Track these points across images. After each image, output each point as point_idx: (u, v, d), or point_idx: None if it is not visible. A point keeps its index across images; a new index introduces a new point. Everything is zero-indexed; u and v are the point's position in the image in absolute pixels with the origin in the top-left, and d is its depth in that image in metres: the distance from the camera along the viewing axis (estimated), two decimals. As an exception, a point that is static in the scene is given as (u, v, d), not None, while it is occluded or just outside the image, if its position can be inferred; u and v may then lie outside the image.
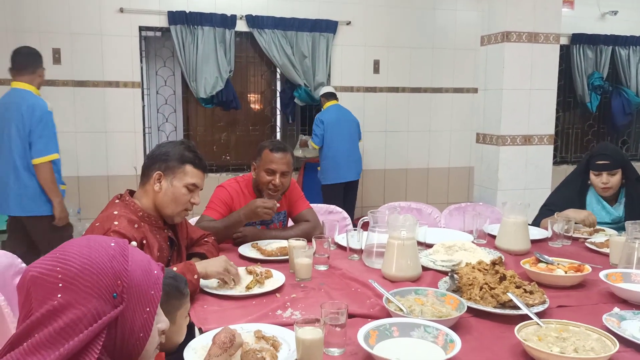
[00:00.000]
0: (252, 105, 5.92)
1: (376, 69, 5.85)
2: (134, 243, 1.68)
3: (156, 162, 1.95)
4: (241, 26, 5.36)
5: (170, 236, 1.99)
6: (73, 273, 0.86)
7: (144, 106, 5.34)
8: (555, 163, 6.16)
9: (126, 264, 0.92)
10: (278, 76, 5.75)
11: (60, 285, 0.85)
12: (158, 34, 5.35)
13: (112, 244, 0.94)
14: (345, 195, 5.11)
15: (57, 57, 4.96)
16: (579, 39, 6.19)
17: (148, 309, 0.93)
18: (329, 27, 5.53)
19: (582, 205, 2.86)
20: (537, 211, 2.97)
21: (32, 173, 3.34)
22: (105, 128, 5.19)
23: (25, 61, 3.47)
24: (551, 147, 4.77)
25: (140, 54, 5.25)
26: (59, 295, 0.84)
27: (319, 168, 5.18)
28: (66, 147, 5.05)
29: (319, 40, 5.51)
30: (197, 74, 5.19)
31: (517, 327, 1.43)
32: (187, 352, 1.41)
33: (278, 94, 5.78)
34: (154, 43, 5.51)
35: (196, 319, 1.65)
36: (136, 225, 1.83)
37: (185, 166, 1.95)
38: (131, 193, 1.99)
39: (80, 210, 5.10)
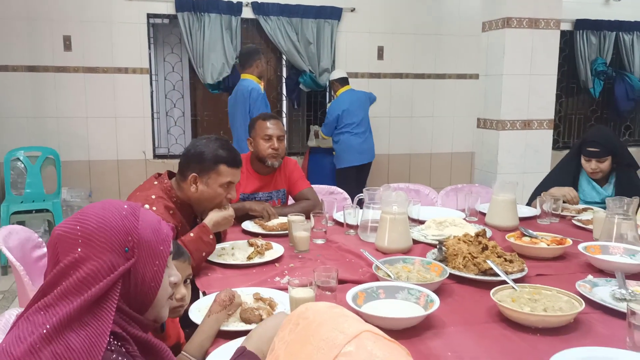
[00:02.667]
0: (258, 91, 6.02)
1: (380, 55, 5.94)
2: (146, 206, 1.82)
3: (191, 162, 2.00)
4: (247, 13, 5.46)
5: (197, 222, 2.11)
6: (90, 230, 0.99)
7: (152, 92, 5.47)
8: (557, 148, 6.24)
9: (136, 223, 1.05)
10: (284, 62, 5.85)
11: (80, 241, 0.98)
12: (166, 21, 5.47)
13: (125, 206, 1.07)
14: (357, 177, 5.21)
15: (67, 44, 5.09)
16: (582, 24, 6.22)
17: (157, 262, 1.06)
18: (333, 13, 5.62)
19: (574, 186, 2.97)
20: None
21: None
22: (115, 113, 5.33)
23: (245, 58, 4.40)
24: (550, 132, 4.84)
25: (149, 41, 5.37)
26: (79, 249, 0.98)
27: (334, 153, 5.29)
28: (77, 132, 5.22)
29: (324, 27, 5.60)
30: (204, 60, 5.31)
31: (493, 290, 1.55)
32: (192, 312, 1.55)
33: (284, 80, 5.89)
34: (162, 30, 5.63)
35: (201, 285, 1.79)
36: (171, 212, 1.95)
37: (220, 167, 1.99)
38: (170, 174, 2.07)
39: (92, 193, 5.27)
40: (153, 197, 1.92)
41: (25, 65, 5.02)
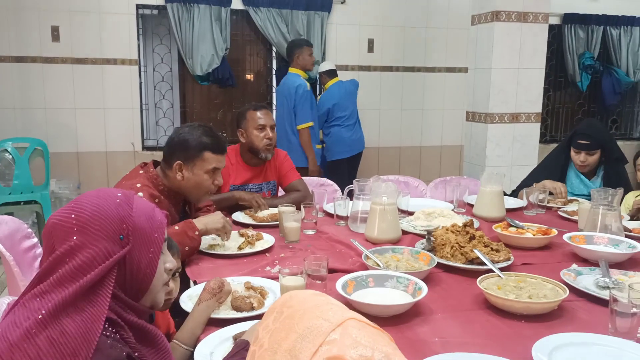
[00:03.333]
0: (248, 83, 6.02)
1: (370, 48, 5.95)
2: (140, 194, 1.83)
3: (175, 150, 2.01)
4: (237, 4, 5.44)
5: (186, 210, 2.12)
6: (85, 218, 1.00)
7: (141, 83, 5.44)
8: (545, 142, 6.31)
9: (130, 211, 1.06)
10: (274, 54, 5.84)
11: (75, 229, 0.99)
12: (155, 11, 5.43)
13: (119, 194, 1.08)
14: (348, 169, 5.22)
15: (55, 34, 5.04)
16: (570, 18, 6.27)
17: (152, 249, 1.08)
18: (324, 5, 5.61)
19: (562, 178, 3.01)
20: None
21: (296, 135, 4.40)
22: (104, 105, 5.30)
23: (288, 52, 4.62)
24: (538, 125, 4.89)
25: (138, 32, 5.33)
26: (75, 237, 0.99)
27: (324, 145, 5.30)
28: (65, 123, 5.19)
29: (314, 19, 5.60)
30: (193, 51, 5.29)
31: (479, 278, 1.59)
32: (183, 300, 1.57)
33: (274, 72, 5.88)
34: (151, 21, 5.59)
35: (191, 274, 1.81)
36: (157, 200, 1.95)
37: (204, 153, 2.00)
38: (155, 163, 2.07)
39: (80, 185, 5.24)
40: (138, 185, 1.93)
41: (13, 55, 4.97)
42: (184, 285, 1.72)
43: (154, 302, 1.12)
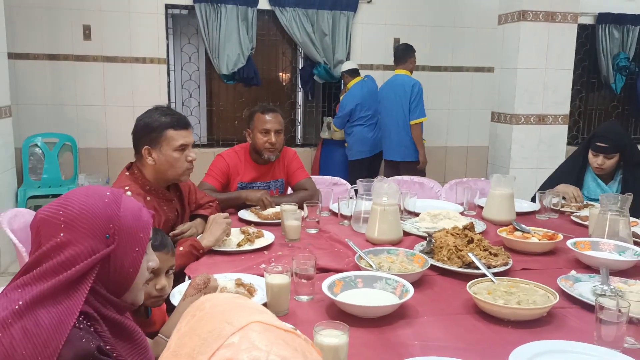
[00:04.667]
0: (273, 82, 6.07)
1: (397, 48, 5.90)
2: (129, 193, 1.87)
3: (140, 138, 2.04)
4: (263, 4, 5.49)
5: (177, 208, 2.15)
6: (72, 216, 1.03)
7: (169, 82, 5.55)
8: (576, 144, 6.12)
9: (118, 210, 1.08)
10: (299, 54, 5.87)
11: (62, 226, 1.02)
12: (184, 11, 5.53)
13: (108, 193, 1.10)
14: (370, 168, 5.22)
15: (87, 33, 5.20)
16: (605, 18, 6.08)
17: (137, 249, 1.10)
18: (349, 5, 5.61)
19: (579, 181, 2.93)
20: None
21: (408, 130, 4.58)
22: (133, 102, 5.43)
23: (400, 54, 4.78)
24: (565, 127, 4.77)
25: (166, 31, 5.45)
26: (62, 234, 1.02)
27: (346, 144, 5.31)
28: (95, 120, 5.34)
29: (340, 19, 5.60)
30: (220, 50, 5.36)
31: (470, 282, 1.56)
32: (174, 296, 1.60)
33: (298, 71, 5.91)
34: (180, 20, 5.70)
35: (188, 269, 1.84)
36: (148, 198, 2.00)
37: (167, 132, 2.01)
38: (137, 164, 2.11)
39: (109, 180, 5.39)
40: (127, 187, 1.96)
41: (46, 53, 5.14)
42: (181, 280, 1.75)
43: (134, 299, 1.15)
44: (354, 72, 5.19)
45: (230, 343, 0.66)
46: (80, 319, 0.99)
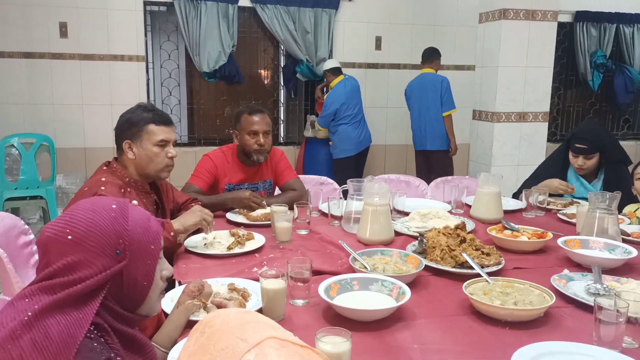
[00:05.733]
0: (255, 80, 6.02)
1: (378, 45, 5.90)
2: (134, 202, 1.83)
3: (122, 132, 2.05)
4: (244, 1, 5.43)
5: (156, 200, 2.13)
6: (81, 235, 0.99)
7: (148, 79, 5.46)
8: (555, 141, 6.21)
9: (126, 224, 1.04)
10: (281, 51, 5.83)
11: (71, 245, 0.99)
12: (162, 8, 5.44)
13: (114, 206, 1.06)
14: (355, 166, 5.24)
15: (63, 30, 5.08)
16: (582, 16, 6.16)
17: (149, 262, 1.07)
18: (331, 3, 5.58)
19: (562, 180, 2.96)
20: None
21: (441, 122, 4.91)
22: (111, 101, 5.33)
23: (428, 54, 5.12)
24: (546, 125, 4.83)
25: (145, 28, 5.36)
26: (71, 254, 0.98)
27: (330, 143, 5.31)
28: (72, 119, 5.23)
29: (321, 16, 5.57)
30: (201, 48, 5.29)
31: (465, 283, 1.56)
32: (165, 302, 1.56)
33: (281, 69, 5.87)
34: (158, 17, 5.61)
35: (177, 274, 1.80)
36: (122, 191, 1.97)
37: (148, 126, 2.03)
38: (118, 160, 2.10)
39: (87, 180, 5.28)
40: (103, 179, 1.95)
41: (21, 51, 5.02)
42: (169, 285, 1.71)
43: (149, 311, 1.12)
44: (336, 71, 5.18)
45: None
46: (91, 328, 0.97)
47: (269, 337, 0.68)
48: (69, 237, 0.99)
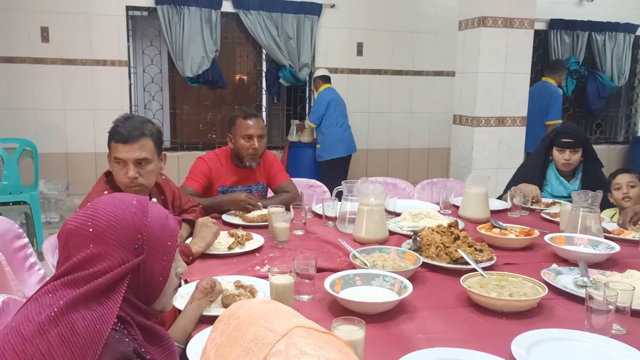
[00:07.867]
0: (238, 85, 6.06)
1: (359, 52, 6.01)
2: (154, 200, 1.85)
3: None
4: (227, 7, 5.48)
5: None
6: (101, 228, 1.03)
7: (130, 84, 5.46)
8: (531, 145, 6.40)
9: (146, 220, 1.08)
10: (264, 57, 5.88)
11: (91, 237, 1.02)
12: (145, 13, 5.45)
13: (134, 202, 1.10)
14: (342, 169, 5.39)
15: (45, 35, 5.05)
16: (556, 24, 6.38)
17: (166, 258, 1.10)
18: (313, 9, 5.67)
19: (542, 179, 3.09)
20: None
21: (544, 128, 5.24)
22: (93, 106, 5.31)
23: (554, 65, 5.58)
24: (523, 129, 4.97)
25: (127, 33, 5.36)
26: (91, 246, 1.02)
27: (318, 146, 5.42)
28: (54, 124, 5.19)
29: (304, 22, 5.66)
30: (184, 53, 5.31)
31: (463, 277, 1.64)
32: (175, 299, 1.60)
33: (264, 74, 5.92)
34: (141, 22, 5.62)
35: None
36: None
37: (112, 143, 1.95)
38: None
39: (69, 186, 5.24)
40: (105, 192, 1.94)
41: (2, 56, 4.97)
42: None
43: (164, 306, 1.16)
44: (326, 79, 5.41)
45: (278, 351, 0.66)
46: (115, 321, 1.00)
47: (296, 326, 0.70)
48: (90, 229, 1.02)
